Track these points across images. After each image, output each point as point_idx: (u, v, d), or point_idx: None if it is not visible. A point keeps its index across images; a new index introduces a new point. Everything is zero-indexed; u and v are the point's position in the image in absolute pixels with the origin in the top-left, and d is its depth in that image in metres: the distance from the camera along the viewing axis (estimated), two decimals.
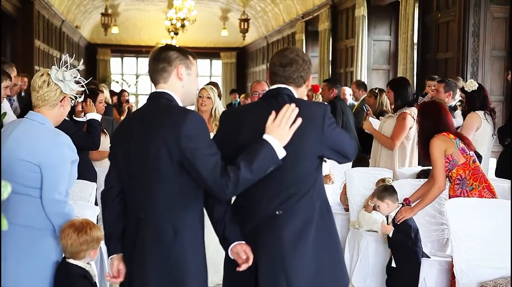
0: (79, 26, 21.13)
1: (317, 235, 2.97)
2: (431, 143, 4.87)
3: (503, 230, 4.65)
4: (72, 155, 3.44)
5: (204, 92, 5.92)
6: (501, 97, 8.53)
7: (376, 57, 12.56)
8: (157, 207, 2.88)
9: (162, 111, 2.91)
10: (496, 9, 8.47)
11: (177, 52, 3.03)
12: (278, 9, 19.51)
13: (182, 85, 3.02)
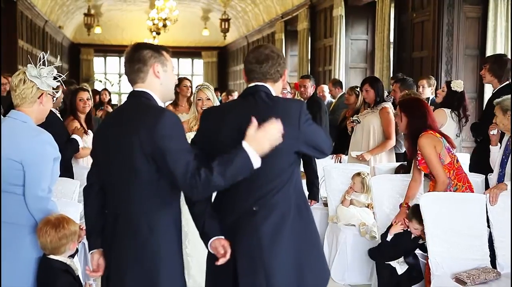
0: (62, 27, 20.99)
1: (294, 229, 2.97)
2: (421, 142, 4.81)
3: (476, 223, 4.69)
4: (54, 152, 3.42)
5: (203, 95, 5.36)
6: (474, 94, 8.59)
7: (354, 56, 12.61)
8: (133, 204, 2.87)
9: (139, 111, 2.89)
10: (469, 9, 8.54)
11: (151, 50, 3.00)
12: (258, 9, 19.51)
13: (160, 82, 3.00)
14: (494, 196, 4.72)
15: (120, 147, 2.86)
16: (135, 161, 2.80)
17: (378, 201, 5.42)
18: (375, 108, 6.66)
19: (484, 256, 4.65)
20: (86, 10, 20.83)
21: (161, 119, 2.79)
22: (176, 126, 2.83)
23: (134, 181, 2.83)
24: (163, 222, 2.88)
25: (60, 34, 21.20)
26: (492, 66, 6.04)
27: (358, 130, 6.79)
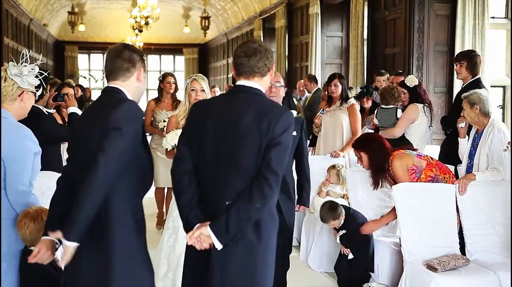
0: (47, 24, 20.79)
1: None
2: (394, 166, 4.81)
3: (446, 212, 4.74)
4: (35, 147, 3.40)
5: (197, 85, 4.80)
6: (444, 89, 8.65)
7: (329, 53, 12.62)
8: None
9: (108, 104, 2.87)
10: (439, 7, 8.58)
11: (139, 55, 3.03)
12: (237, 7, 19.46)
13: (137, 86, 3.03)
14: (463, 186, 4.77)
15: (86, 137, 2.84)
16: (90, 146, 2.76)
17: (353, 191, 5.46)
18: (343, 105, 6.69)
19: (454, 243, 4.71)
20: (70, 8, 20.66)
21: (119, 107, 2.80)
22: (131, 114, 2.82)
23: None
24: (119, 212, 2.81)
25: (45, 31, 20.98)
26: (469, 64, 6.08)
27: (329, 127, 6.78)
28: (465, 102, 5.00)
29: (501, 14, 9.03)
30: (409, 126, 6.27)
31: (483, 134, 4.93)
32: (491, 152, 4.84)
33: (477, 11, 8.27)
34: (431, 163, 4.88)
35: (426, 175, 4.82)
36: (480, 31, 8.26)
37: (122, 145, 2.74)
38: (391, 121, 6.29)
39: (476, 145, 4.97)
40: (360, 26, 10.32)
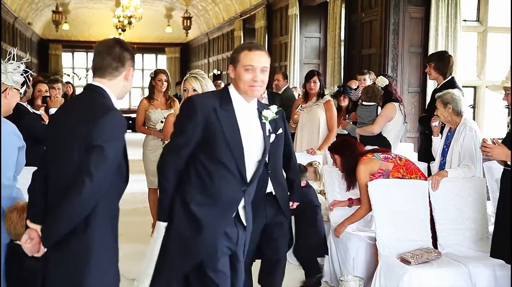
0: (31, 23, 20.58)
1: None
2: (358, 170, 4.84)
3: (419, 207, 4.77)
4: (19, 142, 3.36)
5: (188, 85, 4.43)
6: (418, 88, 8.70)
7: (308, 53, 12.65)
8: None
9: (89, 105, 2.78)
10: (413, 9, 8.62)
11: (129, 53, 2.87)
12: (218, 8, 19.42)
13: (124, 85, 2.90)
14: (435, 183, 4.81)
15: (63, 140, 2.75)
16: (72, 153, 2.69)
17: (330, 187, 5.47)
18: (319, 101, 6.74)
19: (427, 237, 4.74)
20: (55, 7, 20.49)
21: (104, 118, 2.68)
22: (116, 127, 2.72)
23: (71, 172, 2.68)
24: (97, 213, 2.74)
25: (30, 30, 20.76)
26: (437, 64, 6.11)
27: (306, 122, 6.81)
28: (438, 102, 5.03)
29: (472, 17, 9.11)
30: (386, 124, 6.32)
31: (455, 133, 4.97)
32: (463, 149, 4.89)
33: (450, 14, 8.33)
34: (398, 164, 4.89)
35: (393, 176, 4.82)
36: (452, 34, 8.33)
37: (106, 167, 2.66)
38: (370, 118, 6.36)
39: (449, 143, 5.01)
40: (337, 28, 10.35)
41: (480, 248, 4.75)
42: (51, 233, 2.69)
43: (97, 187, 2.65)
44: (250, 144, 3.13)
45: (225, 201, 3.11)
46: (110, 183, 2.73)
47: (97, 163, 2.63)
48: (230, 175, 3.09)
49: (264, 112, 3.22)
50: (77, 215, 2.66)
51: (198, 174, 3.10)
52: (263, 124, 3.21)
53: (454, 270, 4.42)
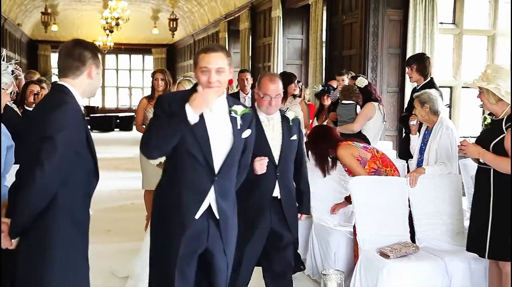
0: (20, 24, 20.41)
1: None
2: (340, 155, 4.83)
3: (398, 203, 4.80)
4: (7, 141, 3.33)
5: (182, 88, 4.57)
6: (396, 89, 8.73)
7: (290, 54, 12.65)
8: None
9: (47, 103, 2.79)
10: (392, 12, 8.65)
11: (91, 52, 2.90)
12: (203, 10, 19.37)
13: (89, 83, 2.91)
14: (413, 179, 4.83)
15: (28, 135, 2.76)
16: (33, 149, 2.67)
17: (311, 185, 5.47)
18: (295, 101, 6.84)
19: (405, 232, 4.77)
20: (43, 9, 20.32)
21: (55, 111, 2.69)
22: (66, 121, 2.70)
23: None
24: (55, 207, 2.72)
25: (19, 31, 20.58)
26: (419, 67, 6.14)
27: None
28: (416, 101, 5.06)
29: (448, 20, 9.16)
30: (366, 123, 6.37)
31: (432, 132, 5.00)
32: (439, 147, 4.91)
33: (427, 17, 8.38)
34: (376, 155, 4.90)
35: (369, 167, 4.83)
36: (429, 36, 8.37)
37: (58, 157, 2.63)
38: (350, 116, 6.41)
39: (426, 141, 5.04)
40: (319, 30, 10.36)
41: (456, 242, 4.79)
42: (13, 225, 2.69)
43: (50, 177, 2.63)
44: (217, 136, 3.12)
45: (194, 190, 3.09)
46: (66, 173, 2.70)
47: (48, 154, 2.62)
48: (198, 165, 3.07)
49: (234, 107, 3.21)
50: (32, 207, 2.65)
51: (169, 166, 3.16)
52: (232, 118, 3.19)
53: (431, 263, 4.46)
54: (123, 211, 7.77)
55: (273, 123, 3.99)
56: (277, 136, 3.97)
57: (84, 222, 2.87)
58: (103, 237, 6.44)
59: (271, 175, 3.89)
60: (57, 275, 2.72)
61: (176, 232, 3.06)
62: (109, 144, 16.19)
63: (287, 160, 3.99)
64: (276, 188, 3.93)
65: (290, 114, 4.07)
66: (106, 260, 5.55)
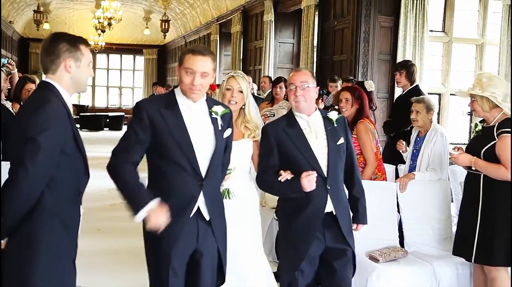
0: (12, 22, 20.28)
1: None
2: (359, 128, 4.76)
3: (387, 208, 4.79)
4: None
5: (234, 84, 3.84)
6: (386, 94, 8.77)
7: (281, 57, 12.67)
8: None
9: (31, 102, 2.75)
10: (383, 19, 8.69)
11: (67, 44, 2.80)
12: (195, 12, 19.34)
13: (70, 77, 2.81)
14: (404, 184, 4.84)
15: (14, 133, 2.70)
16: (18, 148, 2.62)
17: None
18: (285, 104, 6.84)
19: (394, 236, 4.77)
20: (36, 7, 20.20)
21: (36, 110, 2.63)
22: (49, 121, 2.63)
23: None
24: (41, 207, 2.67)
25: (11, 29, 20.46)
26: (407, 73, 6.21)
27: None
28: (421, 106, 5.02)
29: (438, 28, 9.21)
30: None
31: (426, 137, 5.01)
32: (432, 153, 4.93)
33: (418, 25, 8.42)
34: (378, 155, 4.90)
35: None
36: (419, 43, 8.41)
37: (41, 158, 2.57)
38: None
39: (419, 147, 5.04)
40: (310, 34, 10.38)
41: (444, 247, 4.80)
42: (2, 225, 2.63)
43: (34, 179, 2.58)
44: (200, 139, 3.07)
45: (183, 197, 3.04)
46: (52, 173, 2.66)
47: (31, 155, 2.56)
48: (184, 172, 3.02)
49: (214, 107, 3.17)
50: (18, 207, 2.60)
51: (154, 175, 3.07)
52: (213, 120, 3.15)
53: (419, 268, 4.46)
54: (113, 210, 7.72)
55: (316, 129, 3.50)
56: (321, 143, 3.47)
57: (72, 222, 2.82)
58: (93, 236, 6.39)
59: (321, 190, 3.39)
60: (42, 275, 2.68)
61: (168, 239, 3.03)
62: (98, 143, 16.11)
63: (337, 169, 3.49)
64: (328, 203, 3.43)
65: (333, 114, 3.56)
66: (96, 258, 5.51)
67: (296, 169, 3.38)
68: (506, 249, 3.96)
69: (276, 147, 3.48)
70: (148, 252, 3.12)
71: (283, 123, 3.54)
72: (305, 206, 3.40)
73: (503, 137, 3.93)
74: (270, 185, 3.51)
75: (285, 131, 3.48)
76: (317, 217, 3.41)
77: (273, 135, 3.49)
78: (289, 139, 3.45)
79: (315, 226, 3.41)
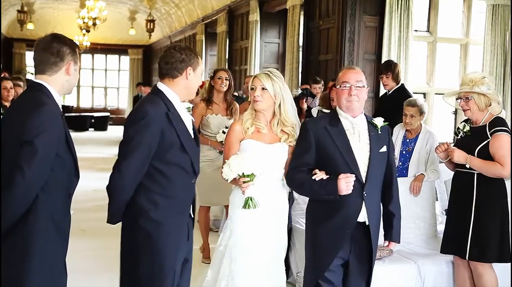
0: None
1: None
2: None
3: None
4: None
5: (257, 83, 3.61)
6: (372, 94, 8.79)
7: (267, 57, 12.67)
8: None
9: (24, 104, 2.71)
10: (368, 19, 8.71)
11: (69, 47, 2.81)
12: (181, 12, 19.30)
13: (67, 79, 2.83)
14: (417, 188, 4.91)
15: (5, 136, 2.68)
16: (11, 151, 2.61)
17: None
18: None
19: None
20: (20, 7, 20.05)
21: (32, 115, 2.61)
22: (45, 124, 2.61)
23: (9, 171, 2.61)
24: (36, 209, 2.65)
25: None
26: (393, 74, 6.24)
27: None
28: (415, 110, 5.07)
29: (423, 28, 9.26)
30: None
31: (419, 139, 5.06)
32: (430, 155, 5.00)
33: (402, 24, 8.45)
34: None
35: None
36: (404, 42, 8.45)
37: (38, 161, 2.57)
38: None
39: (411, 148, 5.08)
40: (296, 34, 10.39)
41: (429, 246, 4.83)
42: None
43: (30, 182, 2.57)
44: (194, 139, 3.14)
45: (183, 197, 3.06)
46: (47, 176, 2.65)
47: (28, 158, 2.55)
48: (185, 172, 3.03)
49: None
50: (14, 211, 2.58)
51: (153, 178, 2.98)
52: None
53: (404, 266, 4.49)
54: (98, 211, 7.67)
55: (359, 131, 3.34)
56: (364, 147, 3.31)
57: (64, 223, 2.82)
58: (78, 237, 6.35)
59: (357, 196, 3.23)
60: (35, 278, 2.67)
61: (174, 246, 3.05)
62: (83, 144, 16.03)
63: (376, 176, 3.32)
64: (362, 211, 3.27)
65: (379, 121, 3.39)
66: (80, 259, 5.48)
67: (332, 171, 3.21)
68: (500, 245, 4.04)
69: (315, 145, 3.31)
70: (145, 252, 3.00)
71: (325, 121, 3.38)
72: (336, 211, 3.23)
73: (497, 135, 4.00)
74: (301, 183, 3.30)
75: (327, 129, 3.31)
76: (347, 225, 3.23)
77: (313, 132, 3.33)
78: (330, 138, 3.28)
79: (343, 236, 3.24)
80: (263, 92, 3.58)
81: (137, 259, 2.99)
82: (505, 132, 4.00)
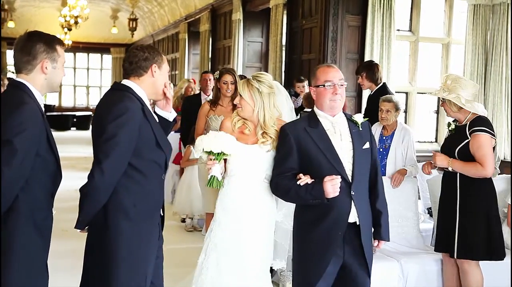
0: None
1: None
2: None
3: None
4: None
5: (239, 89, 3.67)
6: (354, 93, 8.81)
7: (250, 56, 12.66)
8: None
9: (4, 103, 2.67)
10: (351, 18, 8.73)
11: (44, 44, 2.76)
12: (163, 10, 19.22)
13: (45, 78, 2.78)
14: (398, 180, 4.95)
15: None
16: None
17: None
18: None
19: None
20: (0, 5, 19.84)
21: (12, 114, 2.58)
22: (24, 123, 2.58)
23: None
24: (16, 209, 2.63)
25: None
26: (368, 74, 6.24)
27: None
28: (391, 105, 5.11)
29: (405, 27, 9.30)
30: None
31: (395, 136, 5.09)
32: (408, 151, 5.04)
33: (385, 24, 8.48)
34: None
35: None
36: (387, 42, 8.48)
37: (17, 161, 2.54)
38: None
39: (388, 145, 5.11)
40: (279, 33, 10.39)
41: (411, 244, 4.86)
42: None
43: (10, 182, 2.53)
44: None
45: (159, 193, 3.02)
46: (27, 176, 2.62)
47: (7, 158, 2.52)
48: (159, 168, 3.00)
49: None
50: None
51: (130, 176, 2.91)
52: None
53: (387, 265, 4.51)
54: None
55: (340, 130, 3.27)
56: (346, 146, 3.24)
57: (46, 223, 2.79)
58: (59, 237, 6.29)
59: (345, 196, 3.15)
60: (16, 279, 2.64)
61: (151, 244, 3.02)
62: (65, 143, 15.90)
63: (362, 174, 3.25)
64: (352, 212, 3.18)
65: (358, 117, 3.33)
66: (62, 259, 5.44)
67: (317, 173, 3.13)
68: (488, 243, 4.10)
69: (296, 149, 3.23)
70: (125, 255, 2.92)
71: (304, 123, 3.30)
72: (326, 214, 3.15)
73: (476, 135, 4.04)
74: (286, 190, 3.21)
75: (307, 131, 3.23)
76: (338, 227, 3.14)
77: (293, 135, 3.25)
78: (311, 140, 3.20)
79: (335, 239, 3.14)
80: (241, 99, 3.57)
81: (113, 259, 2.87)
82: (484, 132, 4.02)
